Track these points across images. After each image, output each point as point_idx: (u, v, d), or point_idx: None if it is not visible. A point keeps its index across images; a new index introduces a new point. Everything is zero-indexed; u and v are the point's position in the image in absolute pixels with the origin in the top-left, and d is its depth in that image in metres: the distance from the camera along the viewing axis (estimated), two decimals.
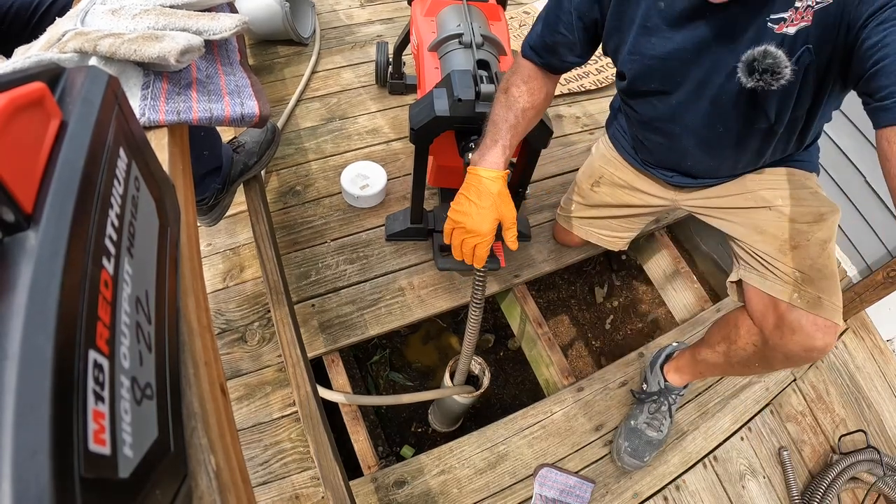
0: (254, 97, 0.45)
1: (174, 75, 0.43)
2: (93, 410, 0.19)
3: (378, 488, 1.08)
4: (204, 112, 0.41)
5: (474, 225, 0.86)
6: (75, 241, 0.21)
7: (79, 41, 0.40)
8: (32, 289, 0.19)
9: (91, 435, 0.19)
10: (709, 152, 0.93)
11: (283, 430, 1.12)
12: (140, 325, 0.24)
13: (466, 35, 1.18)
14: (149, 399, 0.23)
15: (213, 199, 1.17)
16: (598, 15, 0.85)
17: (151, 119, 0.40)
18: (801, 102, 0.75)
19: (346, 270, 1.31)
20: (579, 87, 1.83)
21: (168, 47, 0.38)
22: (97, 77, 0.26)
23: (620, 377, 1.29)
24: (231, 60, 0.48)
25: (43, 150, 0.23)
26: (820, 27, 0.63)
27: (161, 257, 0.28)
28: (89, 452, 0.18)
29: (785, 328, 0.81)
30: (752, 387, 1.33)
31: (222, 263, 1.33)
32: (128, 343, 0.23)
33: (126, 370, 0.22)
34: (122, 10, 0.43)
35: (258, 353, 1.21)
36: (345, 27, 1.95)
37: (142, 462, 0.21)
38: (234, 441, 0.29)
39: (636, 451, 1.14)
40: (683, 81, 0.81)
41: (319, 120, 1.62)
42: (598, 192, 1.19)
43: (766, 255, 0.89)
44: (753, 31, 0.68)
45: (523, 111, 0.89)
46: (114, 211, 0.24)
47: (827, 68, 0.68)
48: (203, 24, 0.43)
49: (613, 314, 1.84)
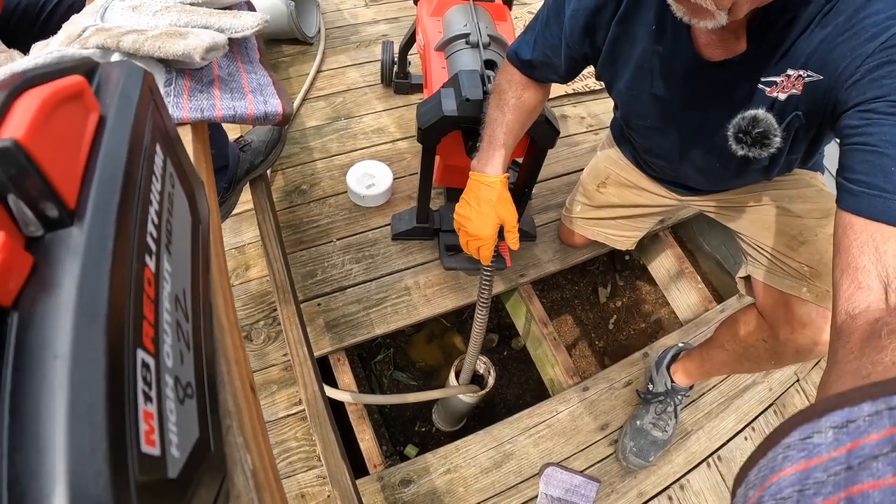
0: (276, 95, 0.45)
1: (196, 73, 0.43)
2: (143, 411, 0.19)
3: (384, 487, 1.08)
4: (228, 109, 0.41)
5: (475, 230, 0.90)
6: (120, 238, 0.21)
7: (101, 37, 0.40)
8: (81, 286, 0.19)
9: (143, 436, 0.18)
10: (710, 180, 0.95)
11: (289, 429, 1.12)
12: (179, 323, 0.24)
13: (473, 35, 1.18)
14: (190, 398, 0.23)
15: (220, 198, 1.17)
16: (589, 50, 0.83)
17: (176, 116, 0.40)
18: (796, 150, 0.76)
19: (352, 269, 1.31)
20: (584, 88, 1.83)
21: (193, 44, 0.38)
22: (134, 72, 0.26)
23: (625, 377, 1.29)
24: (251, 58, 0.48)
25: (84, 144, 0.23)
26: (809, 98, 0.64)
27: (195, 255, 0.28)
28: (142, 454, 0.18)
29: (795, 322, 0.82)
30: (755, 387, 1.33)
31: (228, 262, 1.33)
32: (170, 342, 0.22)
33: (170, 369, 0.22)
34: (143, 6, 0.43)
35: (263, 351, 1.21)
36: (350, 26, 1.94)
37: (187, 462, 0.21)
38: (266, 440, 0.29)
39: (641, 451, 1.14)
40: (679, 124, 0.82)
41: (325, 119, 1.62)
42: (605, 192, 1.19)
43: (775, 250, 0.90)
44: (746, 90, 0.69)
45: (518, 112, 0.89)
46: (153, 207, 0.24)
47: (818, 130, 0.69)
48: (225, 21, 0.43)
49: (617, 314, 1.84)
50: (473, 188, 0.90)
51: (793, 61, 0.63)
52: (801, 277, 0.83)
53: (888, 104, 0.52)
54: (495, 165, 0.88)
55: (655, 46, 0.74)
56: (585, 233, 1.30)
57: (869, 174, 0.50)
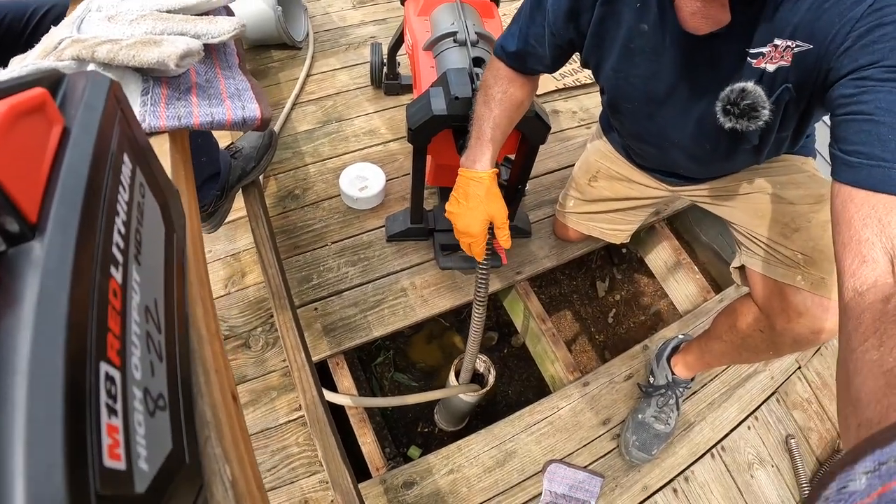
0: (255, 100, 0.45)
1: (173, 80, 0.42)
2: (106, 425, 0.19)
3: (387, 490, 1.08)
4: (205, 116, 0.41)
5: (465, 226, 0.90)
6: (82, 250, 0.21)
7: (76, 48, 0.39)
8: (40, 301, 0.19)
9: (106, 450, 0.18)
10: (699, 164, 0.94)
11: (291, 435, 1.12)
12: (150, 334, 0.24)
13: (461, 33, 1.17)
14: (161, 410, 0.23)
15: (213, 206, 1.17)
16: (574, 35, 0.83)
17: (152, 125, 0.40)
18: (786, 127, 0.75)
19: (348, 273, 1.31)
20: (574, 82, 1.83)
21: (167, 51, 0.38)
22: (99, 82, 0.26)
23: (626, 370, 1.29)
24: (230, 64, 0.47)
25: (46, 157, 0.23)
26: (799, 69, 0.63)
27: (168, 265, 0.27)
28: (105, 468, 0.18)
29: (791, 311, 0.81)
30: (757, 376, 1.33)
31: (223, 270, 1.33)
32: (139, 353, 0.22)
33: (138, 381, 0.21)
34: (119, 16, 0.43)
35: (262, 358, 1.20)
36: (338, 29, 1.94)
37: (157, 475, 0.21)
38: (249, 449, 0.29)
39: (644, 445, 1.13)
40: (667, 103, 0.81)
41: (316, 123, 1.62)
42: (597, 186, 1.19)
43: (768, 239, 0.89)
44: (734, 62, 0.68)
45: (505, 107, 0.89)
46: (120, 218, 0.24)
47: (808, 103, 0.68)
48: (201, 27, 0.43)
49: (616, 308, 1.84)
50: (462, 185, 0.89)
51: (779, 30, 0.62)
52: (795, 265, 0.83)
53: (882, 70, 0.50)
54: (483, 161, 0.87)
55: (640, 24, 0.73)
56: (579, 227, 1.29)
57: (866, 144, 0.48)
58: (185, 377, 0.25)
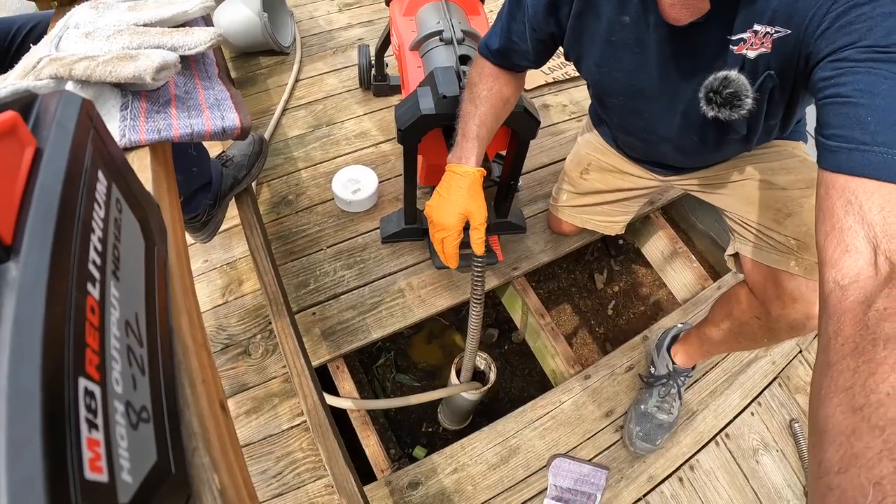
0: (234, 109, 0.45)
1: (152, 94, 0.42)
2: (87, 438, 0.19)
3: (393, 491, 1.08)
4: (185, 128, 0.41)
5: (439, 217, 0.88)
6: (57, 269, 0.21)
7: (54, 67, 0.39)
8: (16, 321, 0.19)
9: (87, 463, 0.18)
10: (688, 156, 0.94)
11: (294, 441, 1.12)
12: (131, 348, 0.24)
13: (447, 31, 1.17)
14: (145, 422, 0.23)
15: (206, 216, 1.17)
16: (555, 28, 0.82)
17: (132, 139, 0.40)
18: (773, 114, 0.74)
19: (345, 276, 1.31)
20: (564, 75, 1.82)
21: (143, 66, 0.38)
22: (70, 101, 0.26)
23: (626, 362, 1.29)
24: (209, 74, 0.47)
25: (19, 179, 0.23)
26: (780, 55, 0.62)
27: (149, 278, 0.28)
28: (86, 481, 0.18)
29: (786, 297, 0.81)
30: (758, 361, 1.33)
31: (220, 279, 1.33)
32: (119, 368, 0.22)
33: (119, 395, 0.22)
34: (96, 32, 0.43)
35: (263, 365, 1.20)
36: (325, 33, 1.94)
37: (142, 486, 0.21)
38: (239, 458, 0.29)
39: (648, 435, 1.14)
40: (652, 96, 0.80)
41: (306, 128, 1.62)
42: (589, 179, 1.19)
43: (761, 225, 0.89)
44: (716, 50, 0.67)
45: (491, 104, 0.89)
46: (96, 235, 0.24)
47: (793, 89, 0.67)
48: (177, 39, 0.43)
49: (615, 299, 1.84)
50: (446, 179, 0.89)
51: (758, 15, 0.61)
52: (788, 251, 0.83)
53: (859, 51, 0.49)
54: (469, 158, 0.87)
55: (621, 17, 0.72)
56: (574, 221, 1.29)
57: (845, 127, 0.47)
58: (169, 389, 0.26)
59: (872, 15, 0.49)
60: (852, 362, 0.34)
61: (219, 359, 1.21)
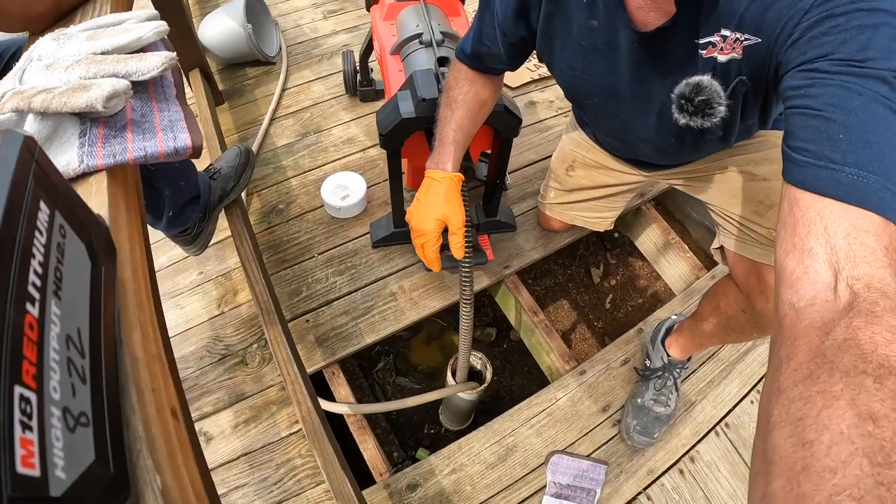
0: (186, 129, 0.46)
1: (110, 119, 0.43)
2: (20, 438, 0.21)
3: (392, 494, 1.09)
4: (138, 151, 0.42)
5: (418, 223, 0.89)
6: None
7: (15, 101, 0.40)
8: None
9: (18, 459, 0.21)
10: (667, 156, 0.93)
11: (293, 447, 1.13)
12: (72, 359, 0.26)
13: (426, 34, 1.18)
14: (84, 426, 0.26)
15: (196, 228, 1.18)
16: (525, 32, 0.81)
17: (90, 165, 0.41)
18: (749, 115, 0.72)
19: (337, 282, 1.31)
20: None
21: (94, 95, 0.39)
22: (11, 140, 0.28)
23: (621, 355, 1.29)
24: (167, 95, 0.48)
25: None
26: (751, 62, 0.61)
27: (95, 295, 0.30)
28: (17, 474, 0.21)
29: (769, 292, 0.80)
30: (755, 349, 1.32)
31: (215, 290, 1.34)
32: (58, 377, 0.25)
33: (56, 401, 0.24)
34: (56, 63, 0.44)
35: (260, 374, 1.21)
36: (310, 41, 1.95)
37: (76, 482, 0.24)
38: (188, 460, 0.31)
39: (646, 429, 1.14)
40: (626, 98, 0.79)
41: (294, 136, 1.63)
42: (574, 176, 1.19)
43: (743, 218, 0.89)
44: (685, 54, 0.66)
45: (467, 108, 0.89)
46: (36, 259, 0.26)
47: (766, 93, 0.66)
48: (131, 66, 0.43)
49: (612, 293, 1.84)
50: (425, 185, 0.89)
51: (725, 21, 0.60)
52: (769, 244, 0.82)
53: (832, 63, 0.47)
54: (445, 163, 0.87)
55: (590, 21, 0.72)
56: (562, 217, 1.29)
57: (814, 141, 0.45)
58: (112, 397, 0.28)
59: (847, 27, 0.47)
60: (804, 390, 0.32)
61: (217, 369, 1.22)
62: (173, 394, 0.32)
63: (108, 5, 0.66)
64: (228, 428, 1.14)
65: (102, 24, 0.54)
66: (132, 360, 0.30)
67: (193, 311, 1.30)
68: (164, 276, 1.36)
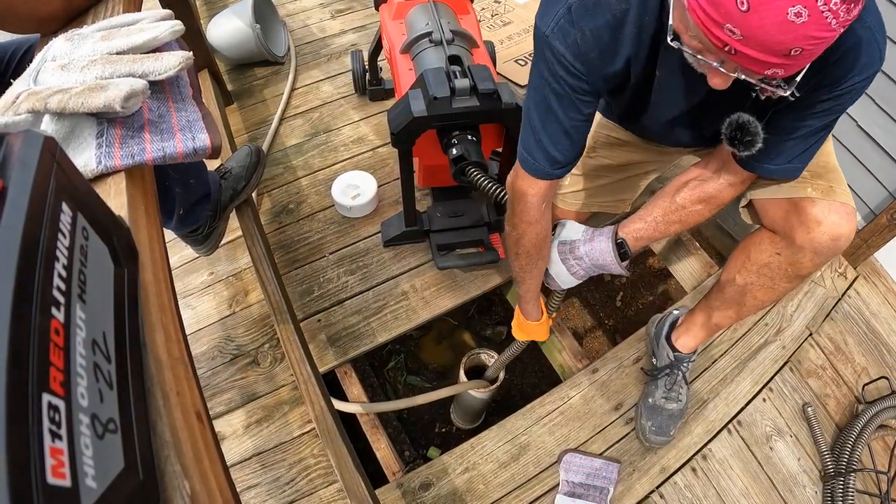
0: (204, 130, 0.46)
1: (127, 120, 0.43)
2: (50, 448, 0.21)
3: (405, 493, 1.09)
4: (157, 151, 0.42)
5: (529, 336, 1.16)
6: (20, 298, 0.22)
7: (31, 101, 0.40)
8: None
9: (49, 469, 0.20)
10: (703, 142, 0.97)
11: (306, 447, 1.13)
12: (98, 364, 0.26)
13: (436, 33, 1.17)
14: (112, 433, 0.25)
15: (207, 228, 1.18)
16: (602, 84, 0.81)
17: (108, 166, 0.41)
18: None
19: (348, 281, 1.32)
20: None
21: (112, 95, 0.39)
22: (32, 141, 0.27)
23: (633, 353, 1.28)
24: (183, 96, 0.48)
25: None
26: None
27: (118, 298, 0.29)
28: (48, 485, 0.20)
29: (811, 222, 0.83)
30: (767, 347, 1.31)
31: (227, 290, 1.34)
32: (85, 383, 0.24)
33: (84, 408, 0.24)
34: (71, 63, 0.44)
35: (272, 374, 1.22)
36: (318, 40, 1.95)
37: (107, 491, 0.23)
38: (214, 465, 0.31)
39: (661, 428, 1.13)
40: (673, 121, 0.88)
41: (304, 136, 1.63)
42: (595, 156, 1.15)
43: None
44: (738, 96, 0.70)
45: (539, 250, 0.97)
46: (60, 263, 0.25)
47: None
48: (147, 66, 0.43)
49: (623, 291, 1.83)
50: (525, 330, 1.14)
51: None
52: (802, 180, 0.85)
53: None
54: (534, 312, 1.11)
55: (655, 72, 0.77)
56: (577, 207, 1.27)
57: None
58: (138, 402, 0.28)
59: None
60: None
61: (228, 369, 1.23)
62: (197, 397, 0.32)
63: (120, 6, 0.66)
64: (241, 428, 1.14)
65: (116, 24, 0.54)
66: (156, 364, 0.30)
67: (204, 311, 1.30)
68: (175, 276, 1.36)
